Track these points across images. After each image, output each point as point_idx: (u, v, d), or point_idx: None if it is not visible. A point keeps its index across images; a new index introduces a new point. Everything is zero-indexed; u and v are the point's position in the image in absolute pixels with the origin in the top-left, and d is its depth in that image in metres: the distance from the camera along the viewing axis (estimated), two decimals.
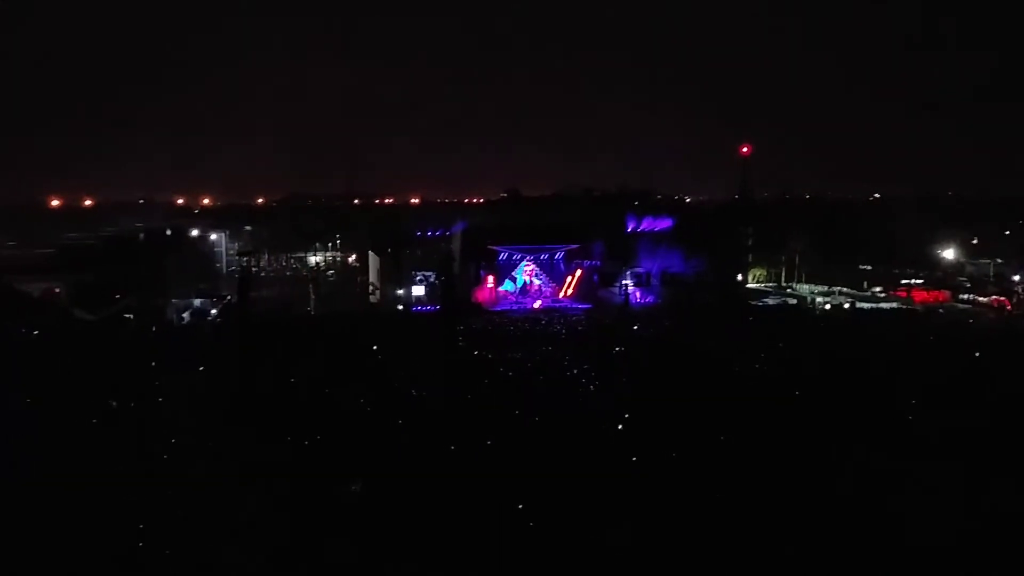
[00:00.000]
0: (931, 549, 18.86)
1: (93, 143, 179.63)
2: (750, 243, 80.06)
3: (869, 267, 75.67)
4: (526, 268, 68.38)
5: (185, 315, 57.63)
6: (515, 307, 64.79)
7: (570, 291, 67.82)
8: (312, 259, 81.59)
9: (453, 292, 62.61)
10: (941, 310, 62.47)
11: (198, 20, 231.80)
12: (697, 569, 18.71)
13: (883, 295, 70.02)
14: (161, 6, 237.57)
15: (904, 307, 64.12)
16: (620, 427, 28.33)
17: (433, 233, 66.78)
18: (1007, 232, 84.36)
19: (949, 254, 76.67)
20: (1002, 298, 63.50)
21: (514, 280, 68.35)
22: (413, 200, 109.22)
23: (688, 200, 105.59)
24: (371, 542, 19.58)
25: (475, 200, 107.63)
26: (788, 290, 75.60)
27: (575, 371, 37.81)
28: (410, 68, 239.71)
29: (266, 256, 78.92)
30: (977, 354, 40.49)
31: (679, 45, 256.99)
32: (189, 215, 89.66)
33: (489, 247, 66.79)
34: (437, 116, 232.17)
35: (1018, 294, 64.51)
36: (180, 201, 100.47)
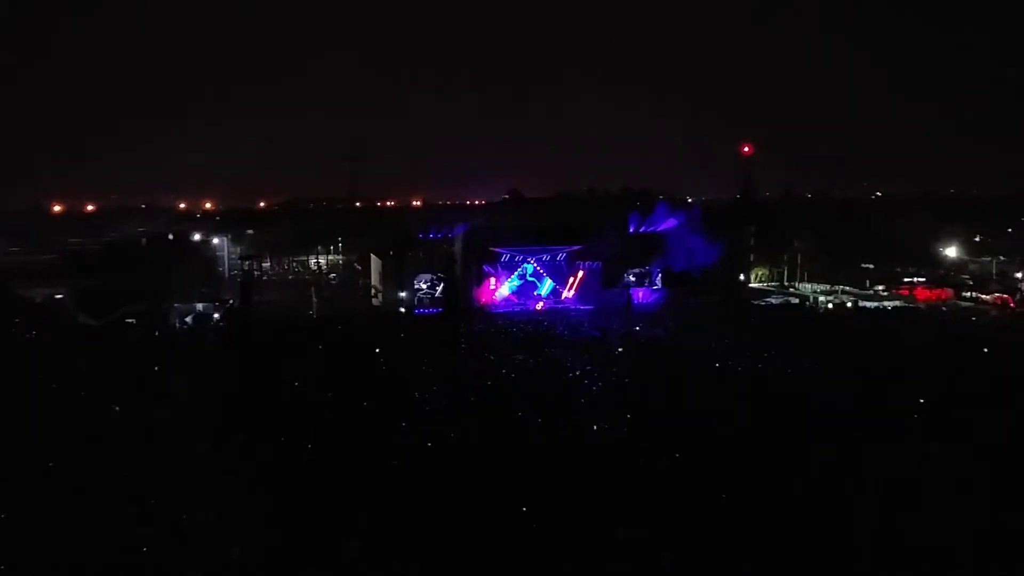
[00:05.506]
0: (940, 549, 18.85)
1: (95, 148, 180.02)
2: (752, 242, 79.94)
3: (872, 266, 75.60)
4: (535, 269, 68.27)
5: (188, 319, 57.63)
6: (517, 308, 64.74)
7: (572, 292, 67.74)
8: (314, 262, 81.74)
9: (456, 294, 62.71)
10: (944, 308, 62.47)
11: (200, 25, 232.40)
12: (701, 570, 18.73)
13: (886, 293, 70.01)
14: (163, 11, 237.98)
15: (907, 305, 64.11)
16: (624, 428, 28.42)
17: (435, 235, 66.63)
18: (1009, 230, 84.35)
19: (951, 252, 76.56)
20: (1005, 295, 63.46)
21: (522, 278, 68.16)
22: (415, 202, 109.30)
23: (690, 200, 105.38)
24: (374, 542, 19.63)
25: (477, 202, 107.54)
26: (791, 289, 75.52)
27: (577, 372, 37.84)
28: (411, 70, 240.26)
29: (268, 260, 79.01)
30: (986, 350, 40.72)
31: (680, 44, 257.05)
32: (191, 220, 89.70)
33: (491, 249, 66.67)
34: (438, 118, 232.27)
35: (1021, 291, 64.47)
36: (182, 206, 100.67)
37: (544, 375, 37.79)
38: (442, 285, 64.40)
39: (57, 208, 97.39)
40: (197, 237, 76.11)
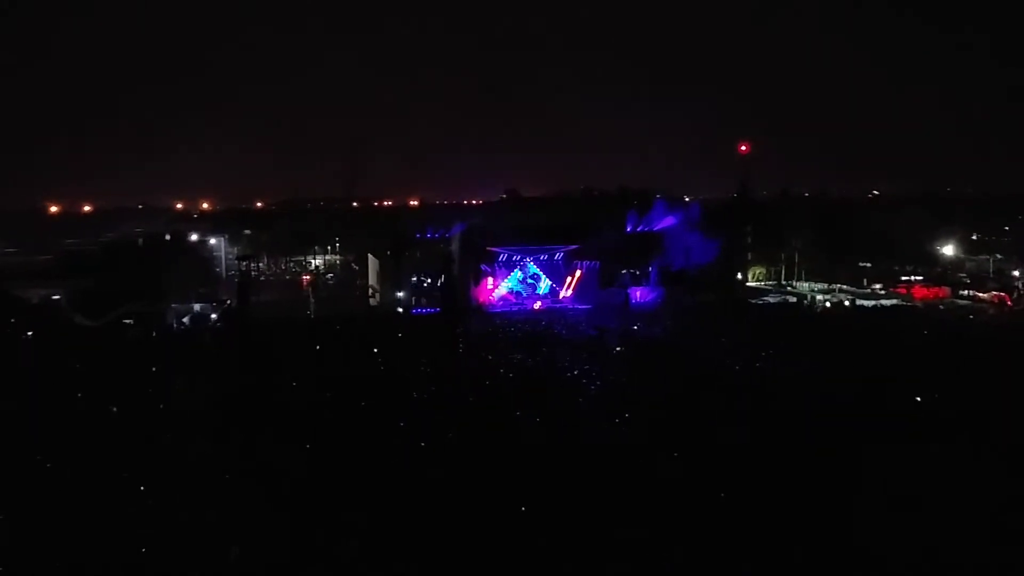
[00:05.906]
0: (940, 549, 18.86)
1: (92, 149, 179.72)
2: (750, 241, 79.97)
3: (869, 264, 75.71)
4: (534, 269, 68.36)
5: (185, 320, 57.58)
6: (515, 308, 64.78)
7: (569, 291, 67.75)
8: (311, 262, 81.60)
9: (453, 294, 62.70)
10: (941, 306, 62.57)
11: (200, 25, 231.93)
12: (701, 570, 18.72)
13: (883, 292, 70.11)
14: (163, 11, 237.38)
15: (904, 303, 64.21)
16: (623, 427, 28.42)
17: (433, 235, 66.62)
18: (1006, 228, 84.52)
19: (949, 250, 76.69)
20: (1002, 293, 63.60)
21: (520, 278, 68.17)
22: (412, 202, 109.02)
23: (688, 199, 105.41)
24: (374, 542, 19.61)
25: (474, 201, 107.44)
26: (788, 288, 75.60)
27: (575, 372, 37.84)
28: (412, 70, 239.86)
29: (265, 260, 78.86)
30: (984, 349, 40.78)
31: (679, 44, 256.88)
32: (188, 220, 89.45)
33: (489, 248, 66.69)
34: (438, 118, 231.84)
35: (1018, 289, 64.59)
36: (179, 206, 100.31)
37: (542, 374, 37.77)
38: (440, 285, 64.42)
39: (54, 208, 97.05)
40: (194, 237, 75.95)
